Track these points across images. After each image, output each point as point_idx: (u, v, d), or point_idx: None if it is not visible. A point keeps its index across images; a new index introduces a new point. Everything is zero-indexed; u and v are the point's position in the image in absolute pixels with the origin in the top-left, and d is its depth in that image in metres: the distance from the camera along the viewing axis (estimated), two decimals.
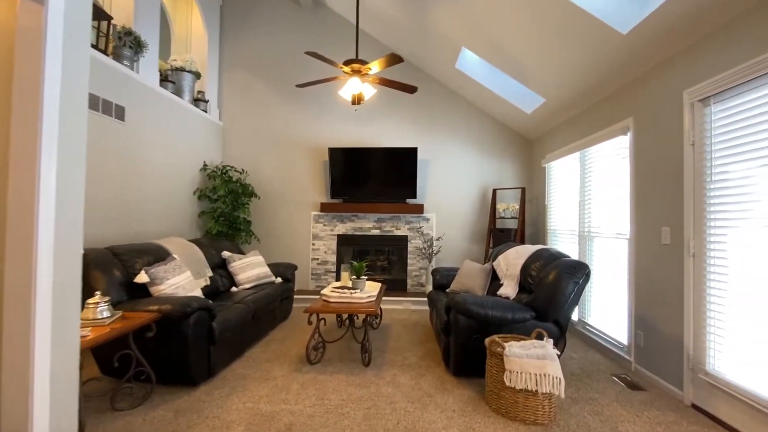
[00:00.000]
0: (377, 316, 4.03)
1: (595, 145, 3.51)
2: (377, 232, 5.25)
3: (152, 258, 2.93)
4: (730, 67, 2.09)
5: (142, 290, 2.71)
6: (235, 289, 3.77)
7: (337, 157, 5.11)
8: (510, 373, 2.14)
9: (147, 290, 2.71)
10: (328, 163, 5.14)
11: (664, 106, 2.65)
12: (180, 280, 2.83)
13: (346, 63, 3.37)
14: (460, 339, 2.65)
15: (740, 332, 2.06)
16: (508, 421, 2.16)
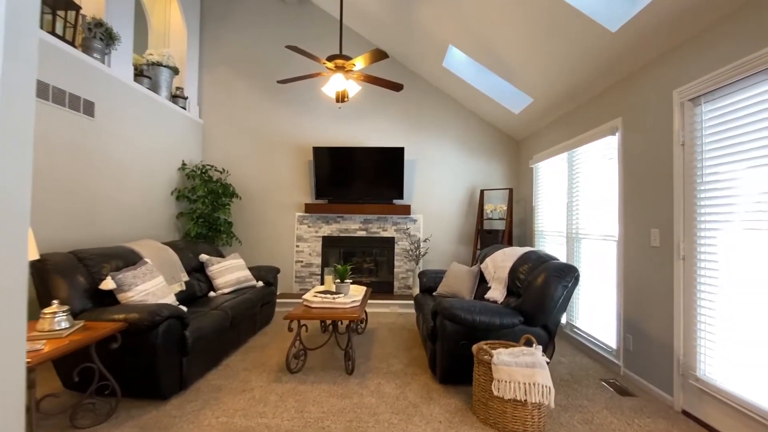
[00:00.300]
0: (362, 321, 3.91)
1: (584, 146, 3.46)
2: (363, 233, 5.13)
3: (122, 262, 2.76)
4: (722, 65, 2.03)
5: (111, 298, 2.53)
6: (213, 294, 3.61)
7: (321, 157, 4.97)
8: (498, 383, 2.05)
9: (115, 298, 2.53)
10: (313, 162, 5.00)
11: (653, 106, 2.60)
12: (151, 286, 2.66)
13: (330, 58, 3.25)
14: (447, 345, 2.56)
15: (732, 337, 2.01)
16: None
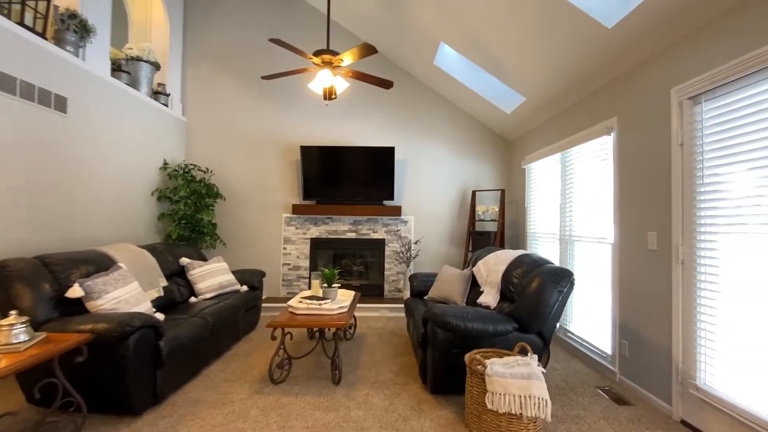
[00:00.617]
0: (351, 327, 3.78)
1: (577, 146, 3.38)
2: (353, 235, 4.99)
3: (93, 268, 2.58)
4: (723, 62, 1.95)
5: (80, 306, 2.36)
6: (194, 299, 3.44)
7: (309, 156, 4.83)
8: (492, 395, 1.94)
9: (84, 306, 2.36)
10: (301, 162, 4.85)
11: (650, 105, 2.52)
12: (124, 293, 2.49)
13: (317, 54, 3.12)
14: (439, 353, 2.44)
15: (734, 344, 1.93)
16: None
